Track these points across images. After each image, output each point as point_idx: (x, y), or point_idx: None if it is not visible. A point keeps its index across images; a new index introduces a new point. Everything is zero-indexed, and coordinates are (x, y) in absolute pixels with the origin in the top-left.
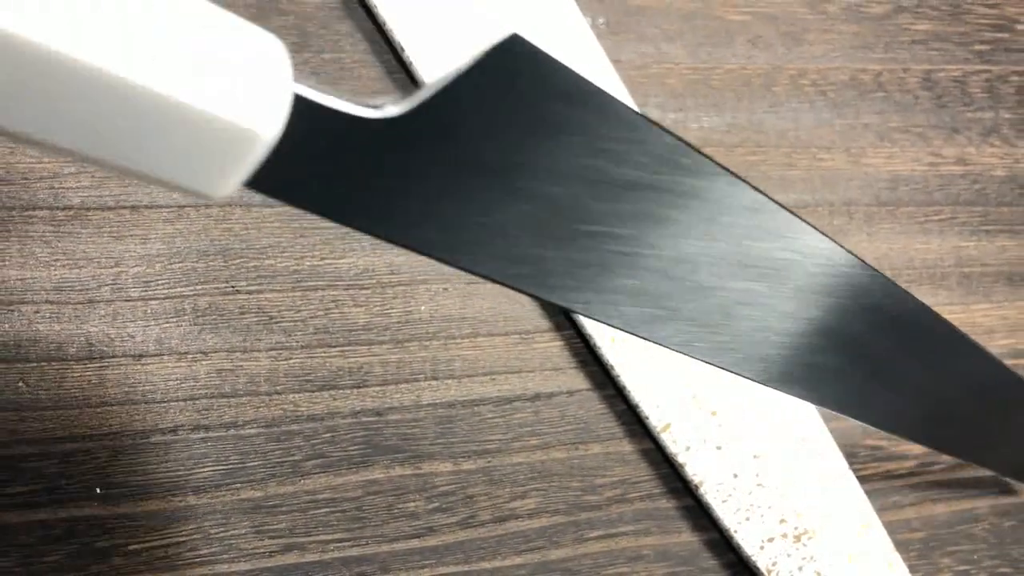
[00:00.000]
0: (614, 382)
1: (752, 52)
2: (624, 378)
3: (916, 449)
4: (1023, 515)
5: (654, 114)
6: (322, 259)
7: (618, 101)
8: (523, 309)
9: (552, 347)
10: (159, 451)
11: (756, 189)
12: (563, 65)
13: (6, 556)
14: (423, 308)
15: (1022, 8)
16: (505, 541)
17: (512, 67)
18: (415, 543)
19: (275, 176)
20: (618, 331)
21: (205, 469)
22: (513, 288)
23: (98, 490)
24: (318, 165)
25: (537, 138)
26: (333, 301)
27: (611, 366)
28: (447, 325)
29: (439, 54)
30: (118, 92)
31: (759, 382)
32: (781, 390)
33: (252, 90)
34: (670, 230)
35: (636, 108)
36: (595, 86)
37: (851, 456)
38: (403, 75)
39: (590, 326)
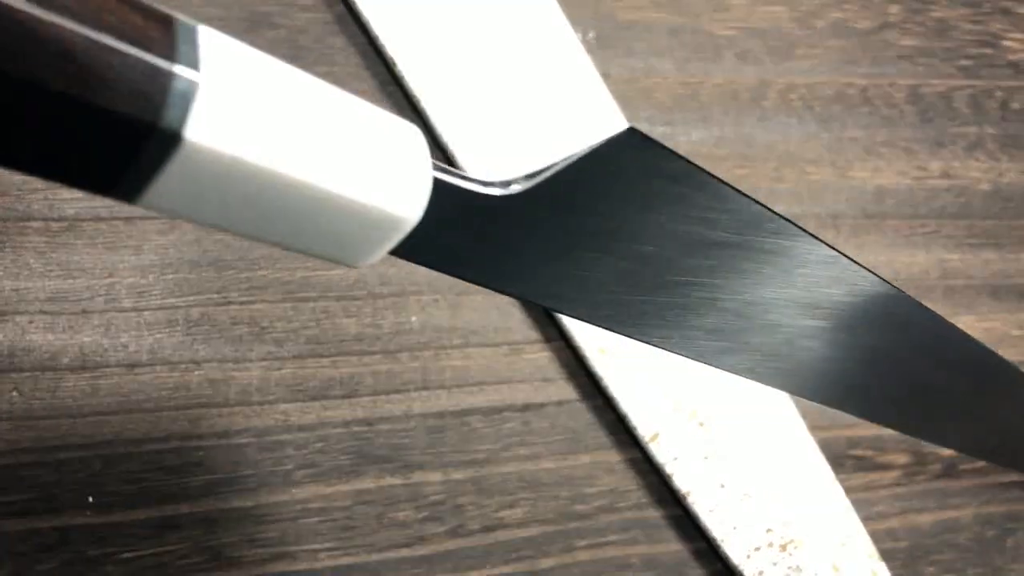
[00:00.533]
0: (603, 393)
1: (740, 66)
2: (613, 389)
3: (901, 459)
4: (1006, 524)
5: (643, 127)
6: (314, 270)
7: (715, 178)
8: (513, 320)
9: (541, 358)
10: (151, 460)
11: (831, 247)
12: (670, 151)
13: (1, 564)
14: (414, 319)
15: (1006, 24)
16: (494, 550)
17: (626, 153)
18: (405, 552)
19: (413, 246)
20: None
21: (196, 478)
22: (602, 328)
23: (91, 499)
24: (450, 235)
25: (640, 209)
26: (324, 312)
27: (600, 377)
28: (437, 336)
29: (431, 68)
30: (294, 190)
31: (814, 401)
32: (833, 407)
33: (400, 181)
34: (750, 280)
35: (626, 121)
36: (696, 167)
37: (836, 466)
38: (396, 88)
39: (579, 337)
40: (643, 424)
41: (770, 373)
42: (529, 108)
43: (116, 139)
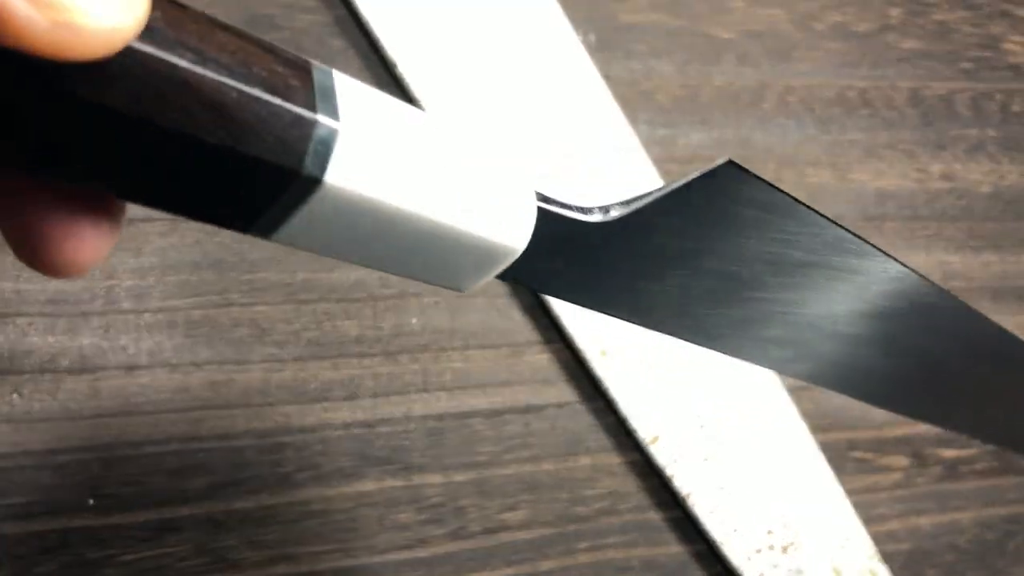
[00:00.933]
0: (603, 395)
1: (740, 69)
2: (613, 391)
3: (901, 461)
4: (1007, 527)
5: (644, 130)
6: (314, 272)
7: (804, 205)
8: (513, 322)
9: (542, 359)
10: (151, 462)
11: (904, 265)
12: (766, 182)
13: (2, 566)
14: (414, 321)
15: (1006, 27)
16: (495, 552)
17: (723, 184)
18: (406, 554)
19: (516, 270)
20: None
21: (197, 480)
22: (677, 339)
23: (91, 501)
24: (551, 259)
25: (731, 234)
26: (325, 314)
27: (600, 379)
28: (438, 338)
29: (432, 70)
30: (418, 227)
31: (870, 403)
32: (888, 409)
33: (510, 214)
34: (824, 295)
35: (626, 123)
36: (788, 195)
37: (838, 469)
38: (397, 90)
39: (580, 340)
40: (643, 426)
41: (833, 378)
42: (530, 109)
43: (260, 184)
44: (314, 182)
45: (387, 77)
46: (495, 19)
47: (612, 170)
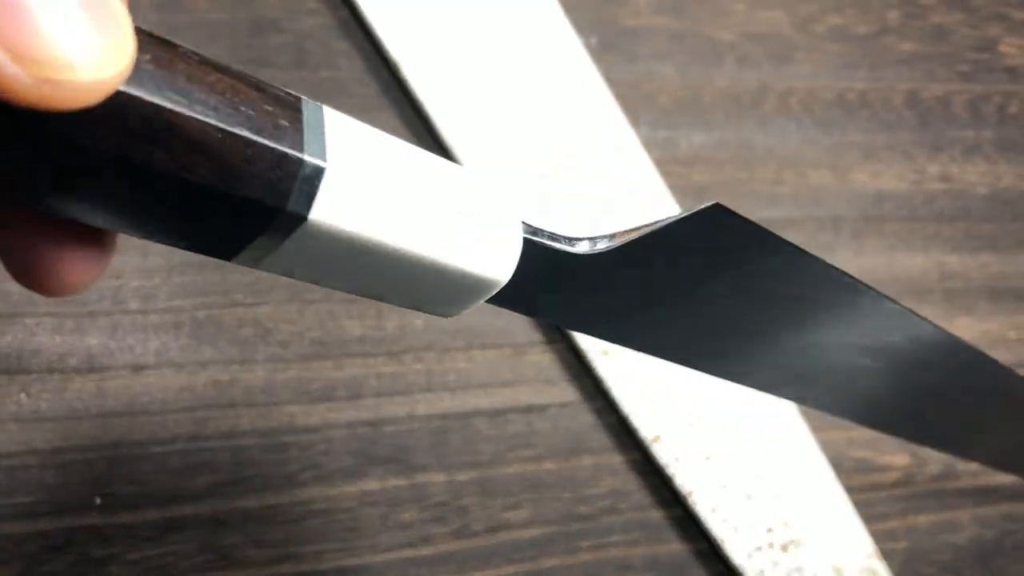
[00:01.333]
0: (605, 395)
1: (741, 71)
2: (615, 391)
3: (900, 461)
4: (1004, 526)
5: (645, 131)
6: None
7: (791, 244)
8: (516, 323)
9: (544, 359)
10: (157, 461)
11: (895, 302)
12: (753, 224)
13: (8, 565)
14: (418, 321)
15: (1003, 30)
16: (498, 550)
17: (711, 225)
18: (409, 553)
19: (502, 297)
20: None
21: (202, 479)
22: (669, 362)
23: (97, 500)
24: (537, 287)
25: (719, 271)
26: (329, 314)
27: (602, 379)
28: (441, 338)
29: (435, 72)
30: (402, 260)
31: (868, 427)
32: (884, 432)
33: (494, 247)
34: (813, 327)
35: (628, 124)
36: (774, 235)
37: (837, 467)
38: (399, 93)
39: (582, 340)
40: (645, 426)
41: (825, 402)
42: (533, 111)
43: (244, 219)
44: (298, 219)
45: (390, 79)
46: (498, 22)
47: (613, 171)
